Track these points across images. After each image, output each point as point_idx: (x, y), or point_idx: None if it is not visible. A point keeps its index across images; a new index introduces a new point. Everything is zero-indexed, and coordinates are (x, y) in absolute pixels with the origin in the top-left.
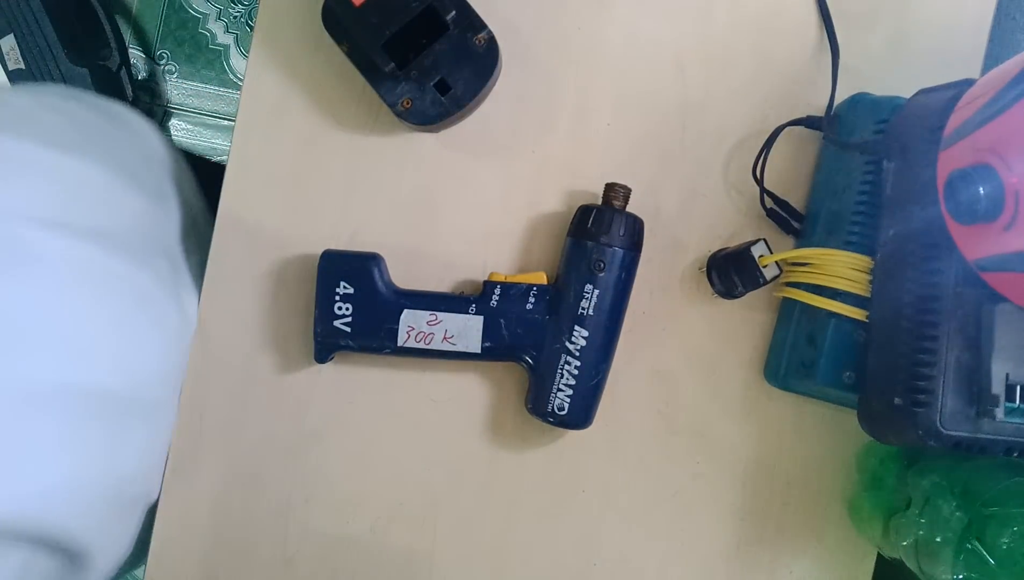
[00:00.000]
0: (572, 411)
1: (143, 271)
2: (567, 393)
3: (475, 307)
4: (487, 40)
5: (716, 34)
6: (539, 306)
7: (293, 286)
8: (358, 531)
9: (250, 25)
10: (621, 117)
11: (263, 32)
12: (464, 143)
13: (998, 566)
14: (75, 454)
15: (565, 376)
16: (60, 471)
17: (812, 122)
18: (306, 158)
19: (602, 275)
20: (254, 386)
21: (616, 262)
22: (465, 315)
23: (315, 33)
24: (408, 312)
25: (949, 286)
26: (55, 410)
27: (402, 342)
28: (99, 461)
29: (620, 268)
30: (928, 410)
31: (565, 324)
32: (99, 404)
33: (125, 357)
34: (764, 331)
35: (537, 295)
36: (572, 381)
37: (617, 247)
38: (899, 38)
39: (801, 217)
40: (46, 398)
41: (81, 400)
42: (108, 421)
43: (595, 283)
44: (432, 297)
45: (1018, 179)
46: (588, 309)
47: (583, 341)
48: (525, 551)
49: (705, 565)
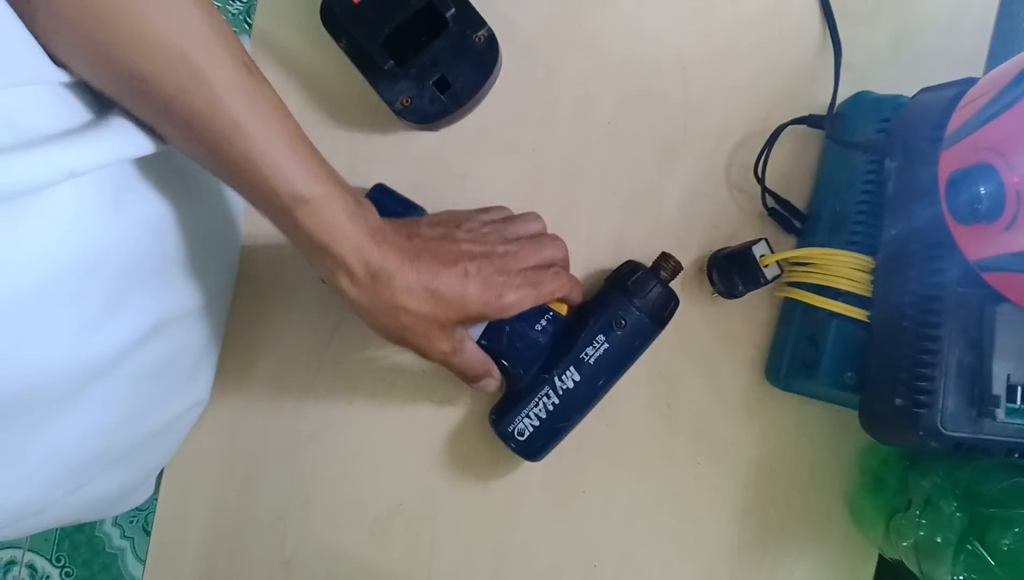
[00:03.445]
0: (530, 441)
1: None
2: (534, 423)
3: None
4: (487, 37)
5: (718, 32)
6: (547, 331)
7: (291, 286)
8: (357, 532)
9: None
10: (622, 115)
11: (261, 30)
12: (464, 141)
13: (999, 567)
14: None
15: (539, 407)
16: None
17: (814, 121)
18: None
19: (619, 333)
20: (254, 385)
21: (637, 328)
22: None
23: (314, 31)
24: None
25: (951, 286)
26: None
27: None
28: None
29: (637, 335)
30: (929, 411)
31: (563, 359)
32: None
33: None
34: (765, 331)
35: (551, 320)
36: (544, 415)
37: (644, 315)
38: (902, 37)
39: (803, 216)
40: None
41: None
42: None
43: (608, 337)
44: None
45: (1019, 179)
46: (591, 357)
47: (571, 383)
48: (525, 552)
49: (707, 566)
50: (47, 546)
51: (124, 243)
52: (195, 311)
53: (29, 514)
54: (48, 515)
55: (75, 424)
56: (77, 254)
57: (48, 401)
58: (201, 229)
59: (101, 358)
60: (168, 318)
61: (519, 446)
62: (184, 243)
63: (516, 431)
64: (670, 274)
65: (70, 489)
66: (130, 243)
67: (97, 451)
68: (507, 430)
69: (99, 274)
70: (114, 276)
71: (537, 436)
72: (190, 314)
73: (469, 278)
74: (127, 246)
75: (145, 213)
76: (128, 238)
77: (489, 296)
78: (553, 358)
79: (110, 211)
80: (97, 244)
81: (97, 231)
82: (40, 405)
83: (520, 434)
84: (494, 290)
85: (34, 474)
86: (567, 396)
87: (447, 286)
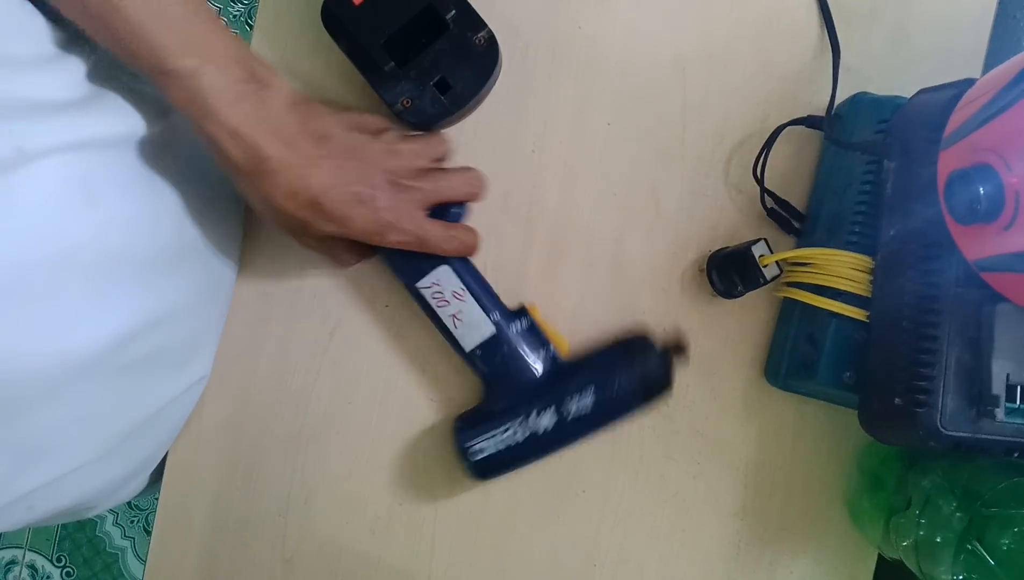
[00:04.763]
0: (483, 462)
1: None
2: (494, 448)
3: (497, 315)
4: (487, 39)
5: (717, 33)
6: (544, 363)
7: (291, 286)
8: (357, 531)
9: (250, 24)
10: (621, 117)
11: (262, 31)
12: (464, 142)
13: (998, 567)
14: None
15: (506, 436)
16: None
17: (813, 122)
18: None
19: (607, 395)
20: (254, 385)
21: (625, 396)
22: (484, 315)
23: (315, 32)
24: (445, 269)
25: (950, 286)
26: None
27: (421, 286)
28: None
29: (623, 404)
30: (928, 410)
31: (545, 398)
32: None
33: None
34: (764, 331)
35: (548, 356)
36: (506, 444)
37: (637, 388)
38: (900, 37)
39: (802, 217)
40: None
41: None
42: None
43: (597, 395)
44: (476, 277)
45: (1018, 179)
46: (570, 406)
47: (544, 425)
48: (525, 551)
49: (706, 565)
50: (48, 546)
51: (99, 238)
52: (187, 308)
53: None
54: (35, 510)
55: (54, 416)
56: (45, 247)
57: (26, 396)
58: (191, 226)
59: (83, 353)
60: (158, 315)
61: (470, 465)
62: (173, 240)
63: (475, 446)
64: (677, 359)
65: (47, 479)
66: (107, 238)
67: (79, 442)
68: (466, 445)
69: (72, 267)
70: (90, 270)
71: (492, 461)
72: (183, 310)
73: (360, 205)
74: (103, 241)
75: (126, 209)
76: (104, 233)
77: (372, 229)
78: (537, 392)
79: (81, 205)
80: (66, 236)
81: (66, 224)
82: (15, 400)
83: (477, 451)
84: (380, 226)
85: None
86: (536, 436)
87: (334, 205)
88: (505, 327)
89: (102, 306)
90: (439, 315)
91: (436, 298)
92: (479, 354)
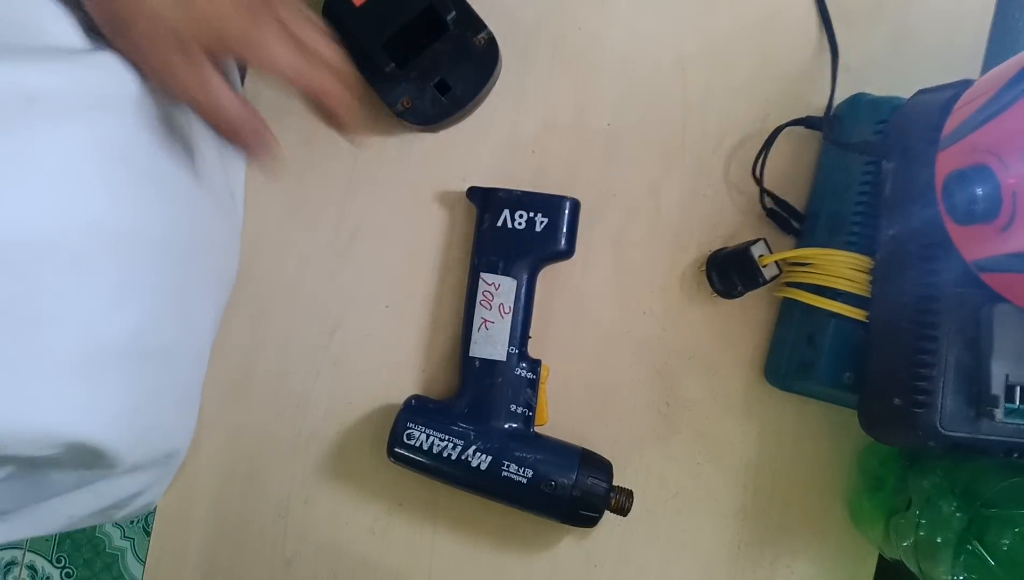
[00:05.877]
0: (407, 448)
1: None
2: (425, 446)
3: (515, 350)
4: (487, 40)
5: (716, 34)
6: (515, 416)
7: (291, 286)
8: (357, 532)
9: None
10: (621, 117)
11: None
12: (464, 143)
13: (998, 567)
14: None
15: (443, 446)
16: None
17: (812, 122)
18: (306, 158)
19: (537, 483)
20: (254, 386)
21: (555, 499)
22: (507, 342)
23: None
24: (512, 282)
25: (949, 287)
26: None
27: (484, 276)
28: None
29: (547, 503)
30: (928, 411)
31: (493, 446)
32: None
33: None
34: (764, 331)
35: (524, 414)
36: (436, 450)
37: (573, 499)
38: (899, 38)
39: (801, 217)
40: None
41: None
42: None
43: (533, 477)
44: (527, 310)
45: (1015, 180)
46: (507, 469)
47: (474, 465)
48: (525, 551)
49: (706, 565)
50: (47, 546)
51: (120, 216)
52: (185, 307)
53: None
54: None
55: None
56: (69, 214)
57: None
58: (202, 213)
59: (117, 340)
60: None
61: (396, 441)
62: (183, 227)
63: (410, 432)
64: (617, 506)
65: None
66: (127, 218)
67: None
68: (407, 423)
69: (99, 241)
70: (116, 246)
71: (414, 453)
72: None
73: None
74: (124, 220)
75: (141, 193)
76: (124, 212)
77: (251, 27)
78: (488, 436)
79: (98, 180)
80: (89, 208)
81: (88, 195)
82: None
83: (408, 437)
84: (260, 27)
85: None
86: (464, 466)
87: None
88: (514, 365)
89: (130, 291)
90: (474, 310)
91: (485, 296)
92: (476, 366)
